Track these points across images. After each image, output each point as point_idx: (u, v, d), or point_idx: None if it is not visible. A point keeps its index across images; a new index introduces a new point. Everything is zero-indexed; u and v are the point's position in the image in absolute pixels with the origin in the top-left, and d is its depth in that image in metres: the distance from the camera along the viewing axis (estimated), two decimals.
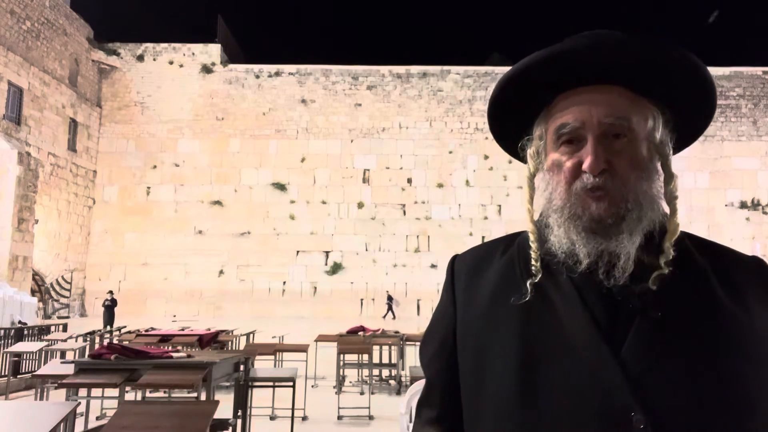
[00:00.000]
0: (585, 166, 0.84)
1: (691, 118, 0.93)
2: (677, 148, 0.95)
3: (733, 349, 0.80)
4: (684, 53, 0.87)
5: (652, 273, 0.83)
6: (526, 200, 0.93)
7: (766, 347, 0.82)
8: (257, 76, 29.62)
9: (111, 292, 21.16)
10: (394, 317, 26.37)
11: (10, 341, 9.42)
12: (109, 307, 20.11)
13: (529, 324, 0.86)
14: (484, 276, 0.95)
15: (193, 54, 29.76)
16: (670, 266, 0.83)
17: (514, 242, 0.97)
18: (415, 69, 29.82)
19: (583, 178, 0.85)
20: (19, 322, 14.75)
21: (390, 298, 27.07)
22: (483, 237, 27.58)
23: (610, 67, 0.87)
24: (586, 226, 0.85)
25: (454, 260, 1.02)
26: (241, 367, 5.16)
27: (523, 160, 0.97)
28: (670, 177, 0.89)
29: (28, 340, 9.94)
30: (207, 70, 29.53)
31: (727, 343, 0.80)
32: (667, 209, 0.89)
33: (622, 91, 0.88)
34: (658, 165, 0.89)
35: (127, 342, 6.49)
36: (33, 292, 22.75)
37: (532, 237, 0.91)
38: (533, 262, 0.89)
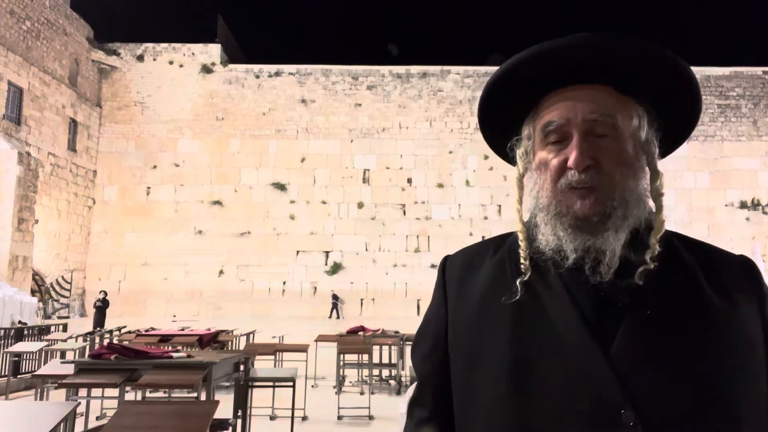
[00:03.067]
0: (570, 162, 0.86)
1: (676, 117, 0.95)
2: (668, 150, 0.97)
3: (720, 346, 0.81)
4: (665, 52, 0.88)
5: (638, 269, 0.84)
6: (515, 200, 0.95)
7: (752, 344, 0.84)
8: (257, 76, 29.62)
9: (104, 293, 20.47)
10: (339, 317, 26.36)
11: (10, 341, 9.41)
12: (100, 308, 19.43)
13: (521, 323, 0.87)
14: (475, 276, 0.96)
15: (193, 54, 29.75)
16: (656, 262, 0.84)
17: (505, 242, 0.98)
18: (415, 69, 29.81)
19: (568, 175, 0.86)
20: (19, 322, 14.74)
21: (335, 297, 26.98)
22: (483, 237, 27.49)
23: (594, 67, 0.88)
24: (572, 223, 0.86)
25: (446, 261, 1.03)
26: (241, 367, 5.16)
27: (513, 161, 0.98)
28: (655, 175, 0.90)
29: (28, 340, 9.93)
30: (207, 70, 29.53)
31: (715, 341, 0.81)
32: (653, 206, 0.90)
33: (608, 90, 0.89)
34: (644, 163, 0.90)
35: (127, 342, 6.48)
36: (33, 292, 22.74)
37: (521, 236, 0.92)
38: (522, 260, 0.90)
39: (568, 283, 0.86)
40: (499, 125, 1.00)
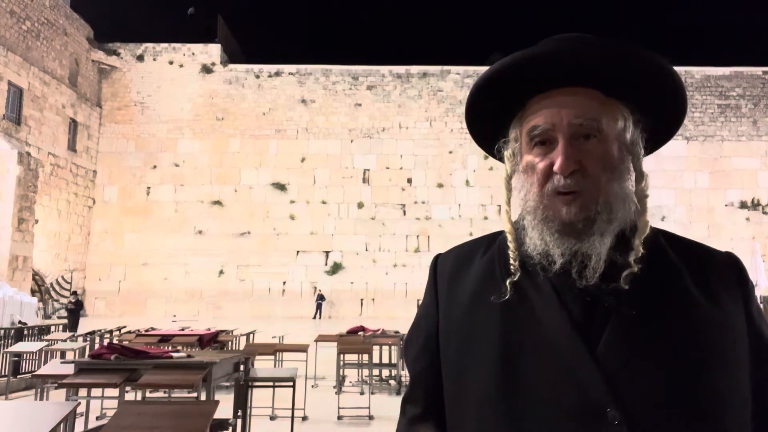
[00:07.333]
0: (556, 167, 0.86)
1: (661, 117, 0.95)
2: (652, 148, 0.98)
3: (705, 345, 0.82)
4: (649, 54, 0.89)
5: (624, 271, 0.84)
6: (504, 201, 0.97)
7: (736, 342, 0.84)
8: (257, 76, 29.62)
9: (75, 294, 19.09)
10: (321, 317, 26.33)
11: (10, 341, 9.41)
12: (73, 311, 17.88)
13: (509, 322, 0.88)
14: (465, 275, 0.97)
15: (193, 54, 29.75)
16: (641, 264, 0.85)
17: (495, 242, 0.99)
18: (415, 69, 29.81)
19: (554, 180, 0.87)
20: (19, 322, 14.74)
21: (321, 297, 26.81)
22: None
23: (579, 70, 0.89)
24: (559, 229, 0.87)
25: (437, 259, 1.04)
26: (241, 367, 5.17)
27: (502, 160, 0.99)
28: (641, 176, 0.91)
29: (28, 340, 9.93)
30: (207, 70, 29.53)
31: (700, 339, 0.82)
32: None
33: (592, 93, 0.90)
34: (630, 164, 0.91)
35: (127, 342, 6.49)
36: (33, 292, 22.74)
37: (509, 237, 0.93)
38: (511, 261, 0.91)
39: (556, 286, 0.87)
40: (487, 127, 1.01)
